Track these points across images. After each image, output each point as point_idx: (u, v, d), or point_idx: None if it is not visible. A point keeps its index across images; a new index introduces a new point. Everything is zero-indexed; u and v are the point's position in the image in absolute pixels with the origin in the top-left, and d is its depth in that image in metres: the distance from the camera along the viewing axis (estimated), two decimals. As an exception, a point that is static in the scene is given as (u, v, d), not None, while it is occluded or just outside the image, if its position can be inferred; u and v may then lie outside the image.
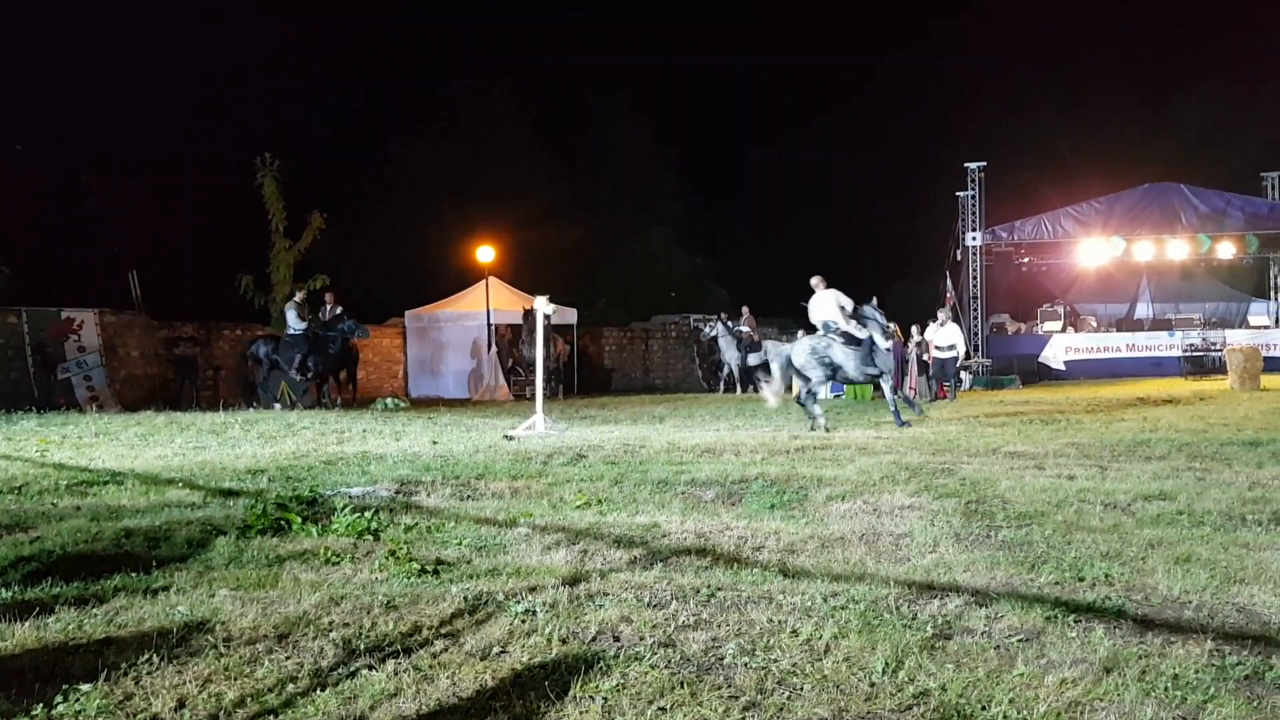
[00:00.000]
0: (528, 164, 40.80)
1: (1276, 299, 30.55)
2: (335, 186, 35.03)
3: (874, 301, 13.31)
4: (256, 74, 36.96)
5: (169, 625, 3.85)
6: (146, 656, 3.49)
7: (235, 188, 25.28)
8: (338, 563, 4.95)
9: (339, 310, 18.16)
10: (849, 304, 12.97)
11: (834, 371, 12.93)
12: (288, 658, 3.55)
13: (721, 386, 23.71)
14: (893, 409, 12.85)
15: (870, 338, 12.76)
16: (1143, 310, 31.30)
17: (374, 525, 5.66)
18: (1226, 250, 28.23)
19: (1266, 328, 28.78)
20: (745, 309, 24.86)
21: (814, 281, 13.16)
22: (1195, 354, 25.73)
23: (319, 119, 38.69)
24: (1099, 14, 51.53)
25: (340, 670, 3.42)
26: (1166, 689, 3.18)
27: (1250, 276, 31.27)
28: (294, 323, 17.51)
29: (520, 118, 41.75)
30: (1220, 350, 24.22)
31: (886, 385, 13.10)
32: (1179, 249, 27.92)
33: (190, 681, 3.31)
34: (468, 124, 40.10)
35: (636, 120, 44.89)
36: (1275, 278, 30.67)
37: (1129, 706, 3.07)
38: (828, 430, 11.83)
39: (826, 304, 12.96)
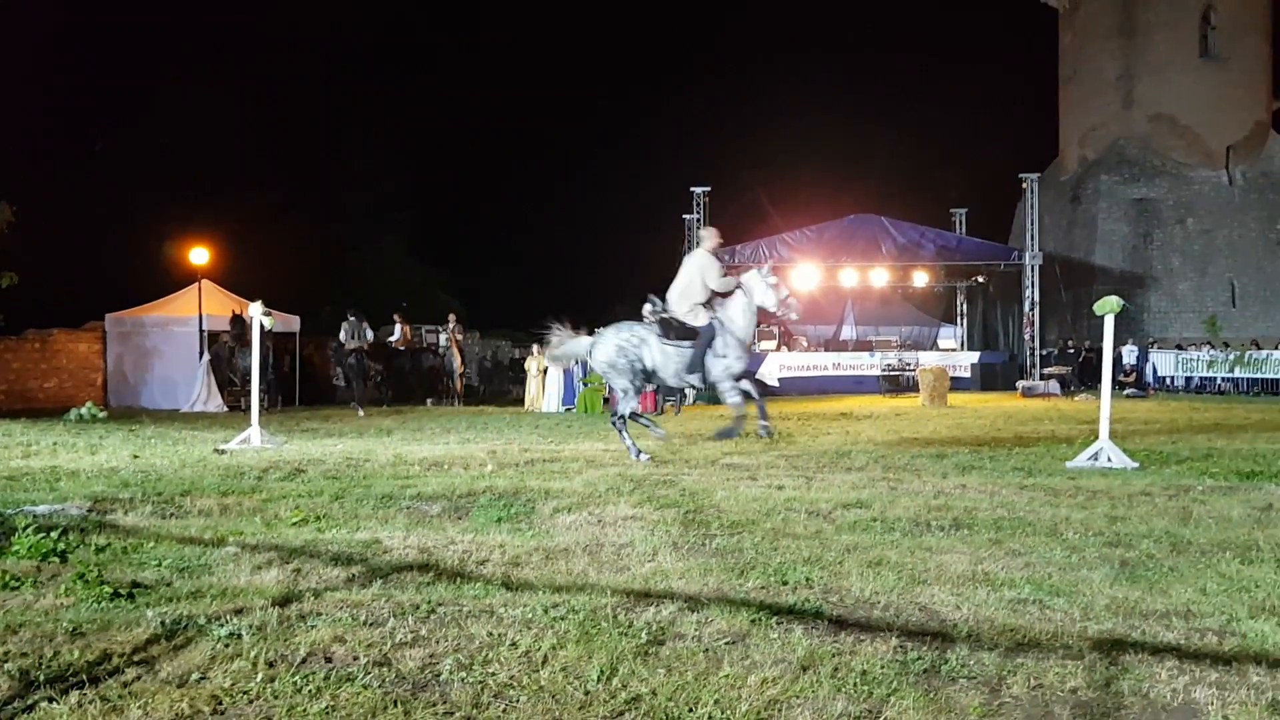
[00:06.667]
0: (249, 163, 38.83)
1: (962, 324, 33.72)
2: (29, 177, 31.95)
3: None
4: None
5: None
6: None
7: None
8: (17, 588, 4.51)
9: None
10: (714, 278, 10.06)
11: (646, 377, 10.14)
12: (-50, 696, 3.19)
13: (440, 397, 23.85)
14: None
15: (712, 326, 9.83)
16: (848, 332, 33.56)
17: (61, 546, 5.20)
18: (920, 279, 30.88)
19: (954, 350, 31.67)
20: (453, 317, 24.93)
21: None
22: (892, 373, 27.73)
23: (12, 105, 35.19)
24: (802, 53, 55.51)
25: (16, 704, 3.12)
26: (855, 684, 3.42)
27: (940, 303, 34.39)
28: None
29: (242, 114, 39.69)
30: (914, 370, 26.30)
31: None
32: (879, 276, 30.18)
33: None
34: (182, 119, 37.66)
35: (367, 126, 43.83)
36: (961, 304, 33.84)
37: (822, 703, 3.28)
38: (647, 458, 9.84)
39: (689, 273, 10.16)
